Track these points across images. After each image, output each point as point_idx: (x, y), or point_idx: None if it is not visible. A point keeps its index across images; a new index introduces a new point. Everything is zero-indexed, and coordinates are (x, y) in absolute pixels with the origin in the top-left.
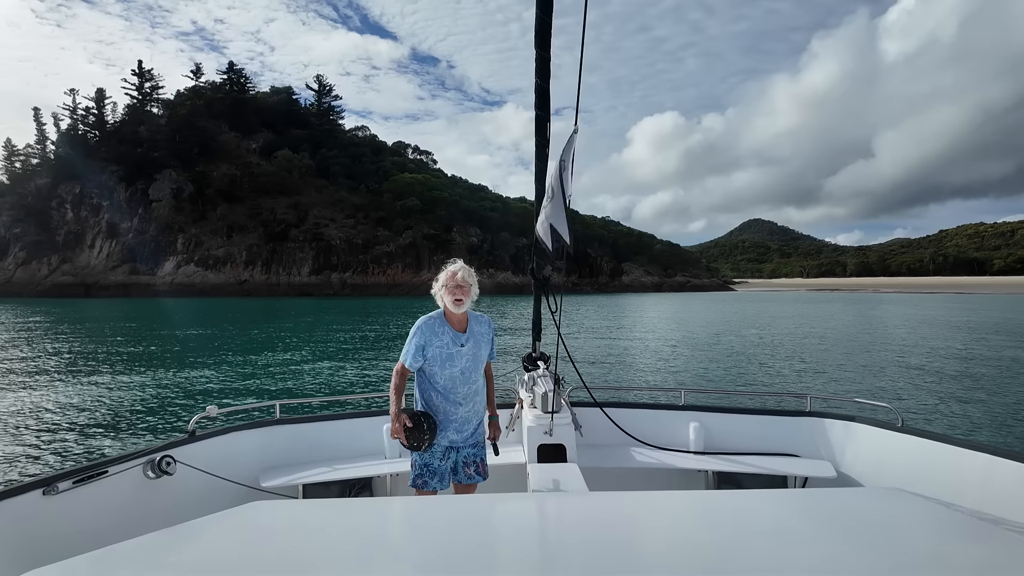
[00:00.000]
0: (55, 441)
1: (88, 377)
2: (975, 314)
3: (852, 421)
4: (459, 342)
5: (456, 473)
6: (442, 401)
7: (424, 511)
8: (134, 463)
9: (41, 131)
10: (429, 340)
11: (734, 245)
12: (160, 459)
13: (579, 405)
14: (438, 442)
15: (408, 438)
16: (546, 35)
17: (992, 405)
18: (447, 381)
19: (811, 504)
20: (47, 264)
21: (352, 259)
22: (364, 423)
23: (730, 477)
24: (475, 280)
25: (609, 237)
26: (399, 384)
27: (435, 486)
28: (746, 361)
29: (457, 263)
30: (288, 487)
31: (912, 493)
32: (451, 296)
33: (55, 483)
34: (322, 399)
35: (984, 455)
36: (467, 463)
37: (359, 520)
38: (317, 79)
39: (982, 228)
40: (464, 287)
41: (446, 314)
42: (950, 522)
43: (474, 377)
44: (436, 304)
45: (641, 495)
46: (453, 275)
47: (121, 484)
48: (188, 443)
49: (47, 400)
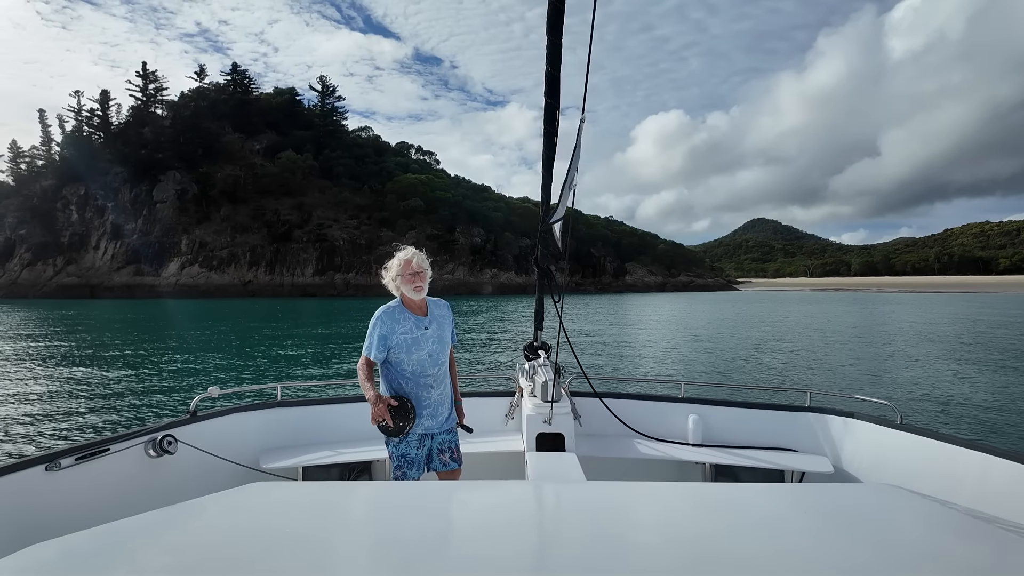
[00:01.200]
0: (58, 418)
1: (92, 361)
2: (981, 313)
3: (851, 417)
4: (422, 325)
5: (431, 461)
6: (413, 386)
7: (423, 495)
8: (136, 441)
9: (46, 133)
10: (391, 329)
11: (738, 244)
12: (162, 438)
13: (579, 395)
14: (413, 430)
15: (394, 418)
16: (558, 22)
17: (990, 404)
18: (415, 366)
19: (807, 498)
20: (52, 265)
21: (355, 260)
22: (365, 407)
23: (727, 470)
24: (428, 264)
25: (612, 237)
26: (368, 374)
27: (414, 476)
28: (746, 356)
29: (408, 250)
30: (288, 469)
31: (908, 490)
32: (410, 284)
33: (57, 459)
34: (323, 383)
35: (981, 454)
36: (442, 450)
37: (358, 503)
38: (320, 80)
39: (987, 227)
40: (420, 273)
41: (404, 301)
42: (945, 519)
43: (442, 359)
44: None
45: (638, 485)
46: (408, 263)
47: (123, 462)
48: (190, 423)
49: (52, 381)
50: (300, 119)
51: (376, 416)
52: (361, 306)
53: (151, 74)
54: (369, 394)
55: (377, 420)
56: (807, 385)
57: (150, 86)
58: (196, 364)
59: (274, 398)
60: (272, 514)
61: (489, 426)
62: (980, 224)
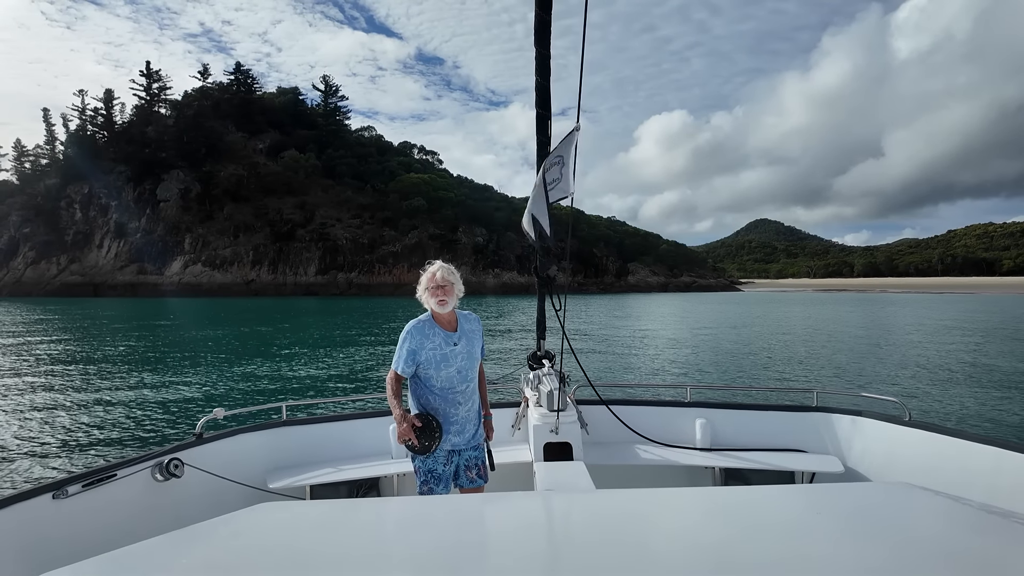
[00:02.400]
0: (64, 444)
1: (96, 380)
2: (983, 313)
3: (859, 416)
4: (452, 341)
5: (458, 477)
6: (441, 403)
7: (431, 510)
8: (142, 466)
9: (50, 132)
10: (421, 344)
11: (740, 245)
12: (168, 462)
13: (585, 403)
14: (440, 447)
15: (419, 438)
16: (545, 33)
17: (1001, 398)
18: (444, 382)
19: (819, 499)
20: (56, 264)
21: (358, 259)
22: (371, 424)
23: (737, 473)
24: (457, 277)
25: (615, 237)
26: (396, 390)
27: (440, 492)
28: (752, 357)
29: (435, 264)
30: (296, 488)
31: (920, 487)
32: (434, 298)
33: (64, 486)
34: (329, 400)
35: (993, 448)
36: (468, 467)
37: (367, 520)
38: (323, 79)
39: (991, 228)
40: (446, 287)
41: (434, 316)
42: (959, 516)
43: (471, 375)
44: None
45: (648, 492)
46: (432, 276)
47: (130, 487)
48: (196, 445)
49: (56, 404)
50: (303, 119)
51: (402, 436)
52: (363, 306)
53: (155, 73)
54: (396, 412)
55: (403, 439)
56: (814, 385)
57: (154, 85)
58: (200, 379)
59: (279, 417)
60: (281, 534)
61: (495, 437)
62: (984, 225)
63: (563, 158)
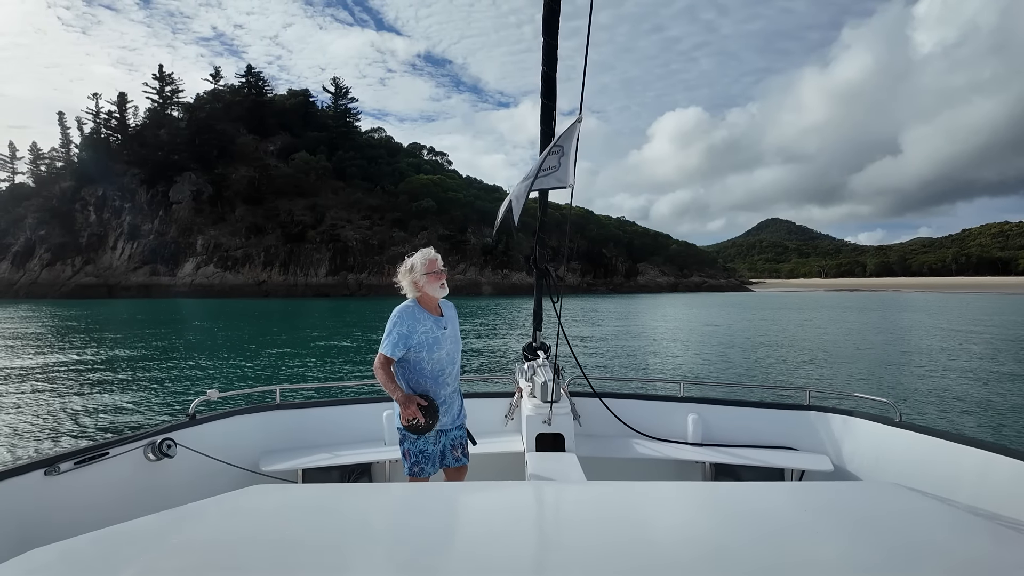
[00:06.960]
0: (57, 422)
1: (92, 364)
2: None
3: (850, 415)
4: (441, 325)
5: (444, 457)
6: (432, 384)
7: (423, 497)
8: (135, 445)
9: (65, 135)
10: (412, 328)
11: (751, 245)
12: (161, 442)
13: (578, 395)
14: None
15: (426, 416)
16: (554, 23)
17: (991, 402)
18: (435, 364)
19: (807, 497)
20: (71, 265)
21: (368, 260)
22: (364, 409)
23: (727, 469)
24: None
25: (624, 237)
26: (391, 373)
27: (430, 472)
28: (746, 355)
29: (429, 249)
30: (288, 471)
31: (908, 487)
32: (436, 283)
33: (57, 463)
34: (322, 385)
35: (981, 451)
36: (454, 445)
37: (358, 505)
38: (334, 82)
39: (1006, 227)
40: (444, 272)
41: (420, 301)
42: (945, 517)
43: (456, 358)
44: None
45: (638, 485)
46: (433, 262)
47: (122, 465)
48: (189, 426)
49: (52, 384)
50: (314, 120)
51: (408, 415)
52: (373, 306)
53: (167, 77)
54: (397, 394)
55: (409, 419)
56: (806, 384)
57: (166, 89)
58: (196, 366)
59: (273, 400)
60: (272, 517)
61: (488, 427)
62: (999, 224)
63: (563, 148)
